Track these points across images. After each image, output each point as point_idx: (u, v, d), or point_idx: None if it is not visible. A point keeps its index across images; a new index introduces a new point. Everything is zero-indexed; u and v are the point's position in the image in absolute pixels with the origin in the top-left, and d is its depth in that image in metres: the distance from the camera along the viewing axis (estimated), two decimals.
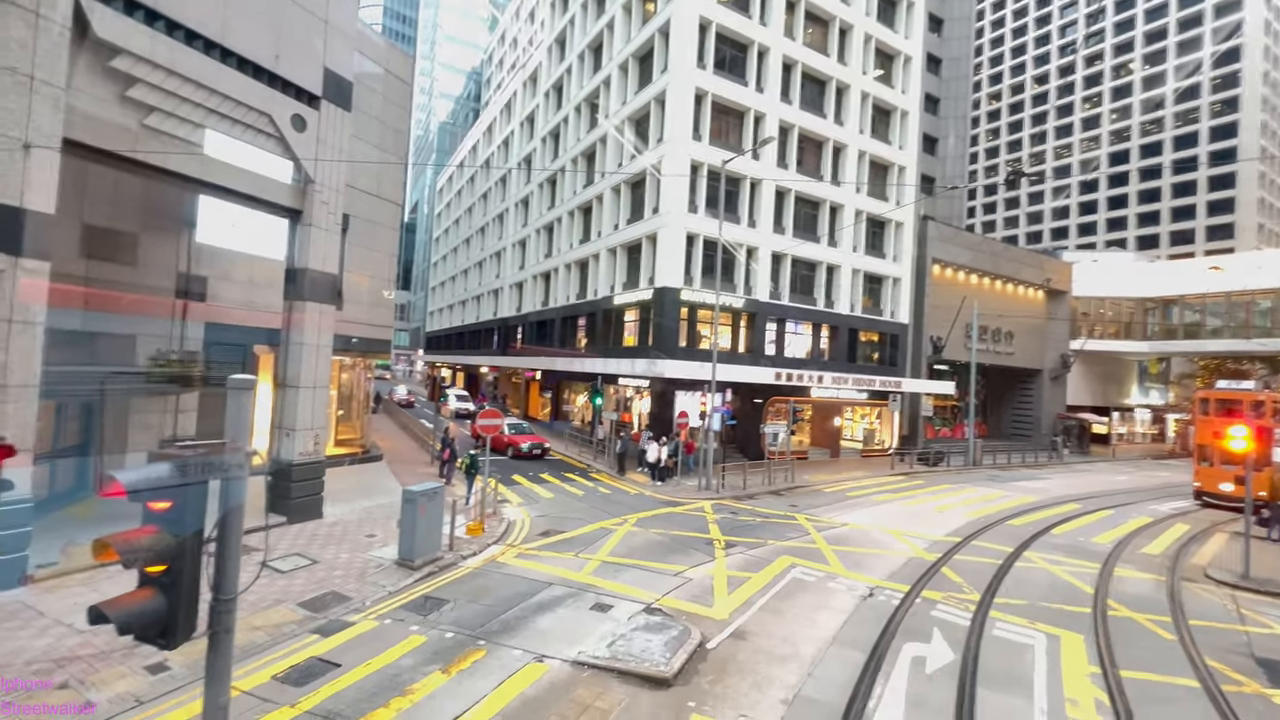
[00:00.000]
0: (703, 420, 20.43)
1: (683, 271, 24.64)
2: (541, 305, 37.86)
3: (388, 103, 22.34)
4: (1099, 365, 44.93)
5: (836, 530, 15.26)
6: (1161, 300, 42.53)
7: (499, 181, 47.86)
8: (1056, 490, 23.62)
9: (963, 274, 36.05)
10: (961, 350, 34.22)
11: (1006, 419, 42.27)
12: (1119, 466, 33.96)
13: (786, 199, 28.01)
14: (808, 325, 29.15)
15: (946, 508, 19.01)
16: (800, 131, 28.34)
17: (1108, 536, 16.10)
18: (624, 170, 28.10)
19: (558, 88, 37.58)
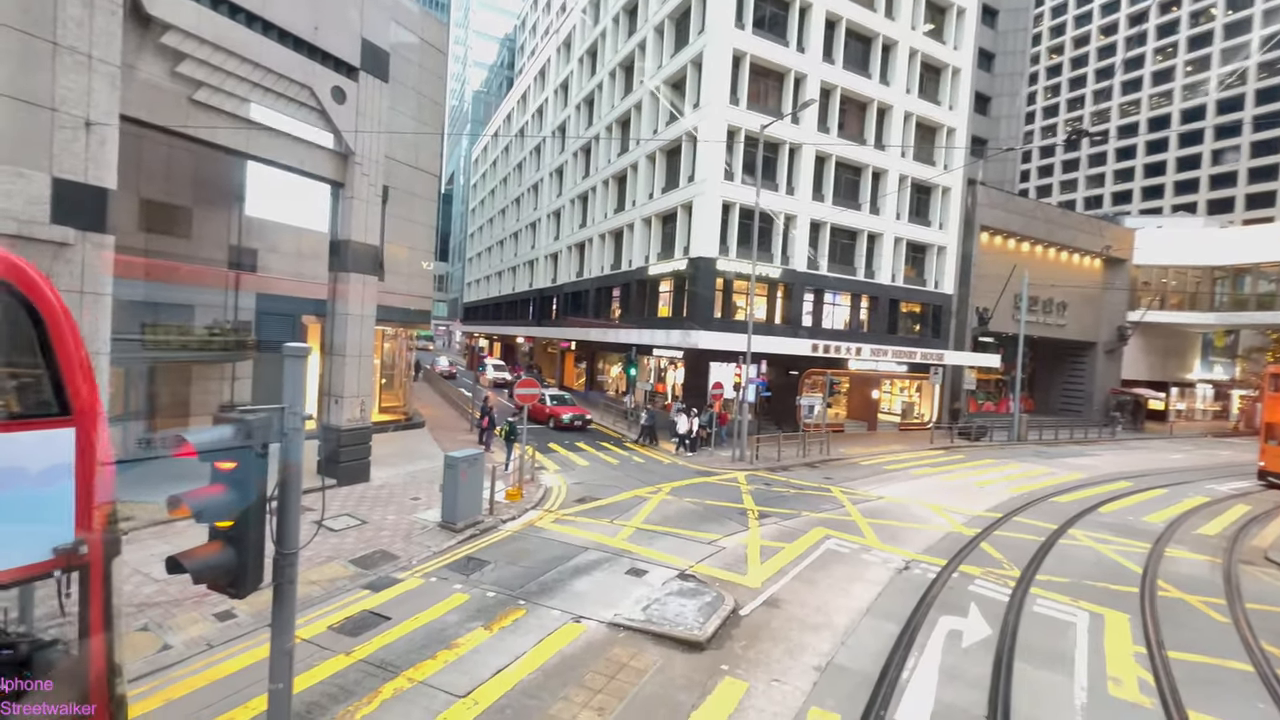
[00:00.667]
0: (737, 392, 20.34)
1: (718, 241, 24.24)
2: (576, 276, 37.96)
3: (424, 72, 22.31)
4: (1158, 338, 42.61)
5: (872, 503, 15.14)
6: (1233, 269, 39.72)
7: (533, 151, 47.64)
8: (1107, 468, 22.78)
9: (1013, 241, 34.40)
10: (1009, 322, 32.91)
11: (1056, 394, 40.72)
12: (1176, 444, 32.45)
13: (827, 165, 27.06)
14: (846, 296, 28.45)
15: (988, 483, 18.59)
16: (843, 93, 27.16)
17: (1160, 516, 15.52)
18: (659, 137, 27.56)
19: (592, 53, 36.84)
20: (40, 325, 2.78)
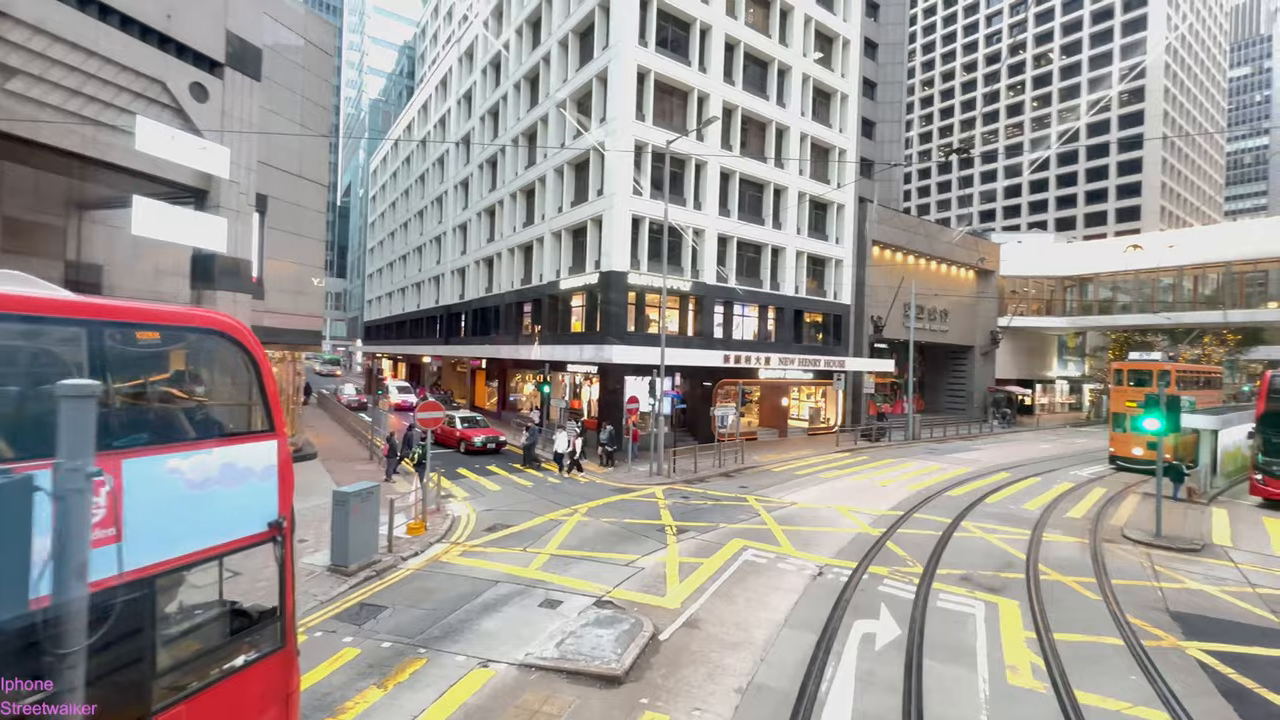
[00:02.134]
0: (653, 405, 20.24)
1: (629, 254, 24.23)
2: (485, 291, 36.66)
3: (309, 75, 20.69)
4: (1023, 340, 47.67)
5: (786, 510, 15.44)
6: (1078, 278, 45.38)
7: (437, 162, 45.83)
8: (989, 460, 24.87)
9: (900, 255, 37.22)
10: (900, 329, 35.43)
11: (942, 394, 44.31)
12: (1043, 435, 36.19)
13: (731, 181, 27.96)
14: (755, 307, 29.39)
15: (889, 482, 19.63)
16: (744, 113, 28.26)
17: (1036, 503, 17.01)
18: (568, 149, 27.28)
19: (495, 64, 36.08)
20: (256, 370, 4.27)
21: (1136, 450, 22.82)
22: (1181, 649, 8.23)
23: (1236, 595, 10.33)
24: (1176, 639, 8.51)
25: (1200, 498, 18.10)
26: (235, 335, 4.36)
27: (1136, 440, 22.63)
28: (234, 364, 4.50)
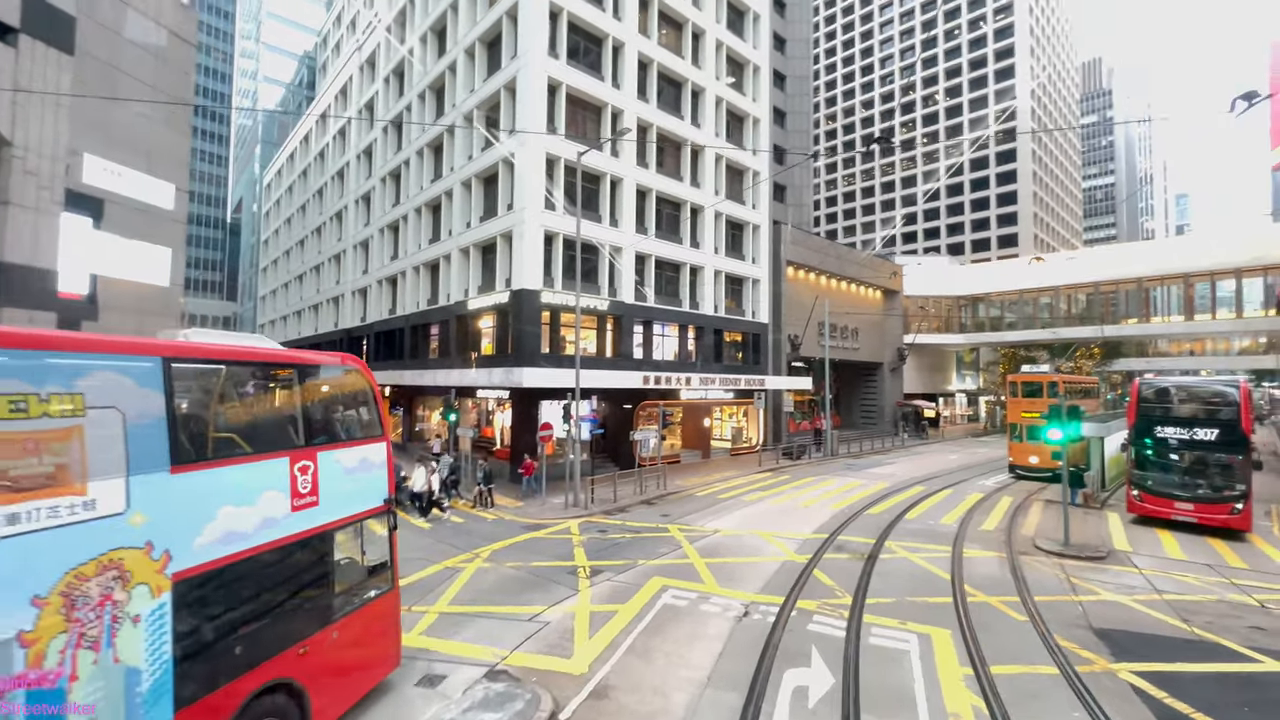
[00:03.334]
0: (568, 431, 18.86)
1: (542, 272, 22.92)
2: (389, 313, 33.96)
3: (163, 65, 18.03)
4: (926, 357, 50.46)
5: (709, 539, 14.48)
6: (971, 298, 48.78)
7: (336, 175, 42.62)
8: (903, 474, 25.32)
9: (813, 275, 38.26)
10: (816, 347, 36.18)
11: (856, 409, 45.77)
12: (948, 447, 37.92)
13: (648, 199, 27.46)
14: (675, 327, 28.83)
15: (812, 502, 19.25)
16: (659, 131, 27.99)
17: (951, 516, 17.09)
18: (475, 162, 25.76)
19: (399, 73, 34.06)
20: (373, 393, 6.92)
21: (1033, 459, 23.94)
22: (1113, 672, 7.85)
23: (1148, 605, 10.34)
24: (1107, 661, 8.16)
25: (1095, 502, 18.98)
26: (360, 369, 7.00)
27: (1033, 449, 23.81)
28: (361, 389, 7.02)
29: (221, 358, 5.55)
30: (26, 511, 3.77)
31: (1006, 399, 28.14)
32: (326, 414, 6.70)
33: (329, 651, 6.08)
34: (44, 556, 3.86)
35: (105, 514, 4.20)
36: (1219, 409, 15.33)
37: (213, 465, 5.12)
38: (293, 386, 6.20)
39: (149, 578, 4.45)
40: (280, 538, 5.57)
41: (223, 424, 5.55)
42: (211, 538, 4.96)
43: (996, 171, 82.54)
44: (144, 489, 4.43)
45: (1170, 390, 16.43)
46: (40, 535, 3.83)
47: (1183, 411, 15.89)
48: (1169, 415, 15.88)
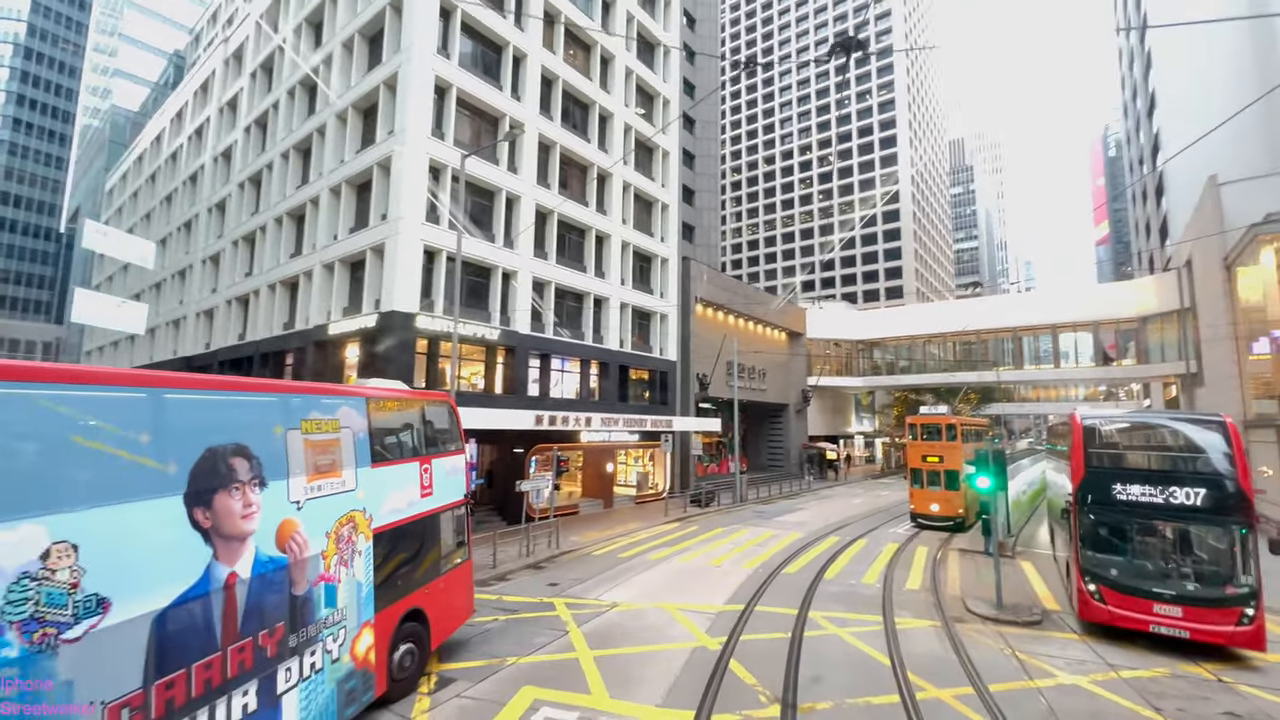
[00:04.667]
0: None
1: (419, 293, 19.70)
2: (238, 339, 28.72)
3: None
4: (828, 399, 51.29)
5: (603, 618, 11.68)
6: (869, 342, 50.49)
7: (189, 180, 36.82)
8: (815, 521, 23.94)
9: (722, 314, 37.47)
10: (724, 387, 35.01)
11: (763, 451, 45.06)
12: (852, 489, 37.72)
13: (549, 221, 25.19)
14: (576, 361, 26.29)
15: (723, 559, 17.03)
16: (563, 151, 26.06)
17: (872, 573, 15.48)
18: (347, 165, 22.33)
19: (268, 67, 30.00)
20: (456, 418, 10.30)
21: (935, 507, 22.37)
22: None
23: (1109, 687, 8.83)
24: None
25: (1008, 551, 18.26)
26: (450, 403, 10.19)
27: (935, 497, 22.46)
28: (451, 416, 10.07)
29: (385, 396, 8.43)
30: (321, 484, 6.57)
31: (906, 442, 27.59)
32: (434, 433, 9.47)
33: (439, 595, 8.92)
34: (328, 510, 6.66)
35: (348, 490, 7.04)
36: (1199, 457, 10.37)
37: (387, 465, 7.96)
38: (415, 415, 9.10)
39: (364, 529, 7.29)
40: (416, 514, 8.48)
41: (388, 438, 8.27)
42: (387, 510, 7.84)
43: (884, 229, 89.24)
44: (361, 476, 7.30)
45: (1126, 430, 11.80)
46: (327, 498, 6.64)
47: (1151, 462, 11.01)
48: (1130, 469, 10.96)
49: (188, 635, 4.86)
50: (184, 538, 4.91)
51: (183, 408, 5.30)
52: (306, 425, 6.51)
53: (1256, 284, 22.79)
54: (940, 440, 23.28)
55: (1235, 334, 24.84)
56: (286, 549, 5.98)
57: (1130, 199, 67.50)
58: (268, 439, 5.98)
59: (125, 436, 4.71)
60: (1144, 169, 54.92)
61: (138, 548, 4.56)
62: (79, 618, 4.07)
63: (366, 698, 7.16)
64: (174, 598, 4.76)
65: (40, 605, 3.87)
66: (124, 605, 4.37)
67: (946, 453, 22.59)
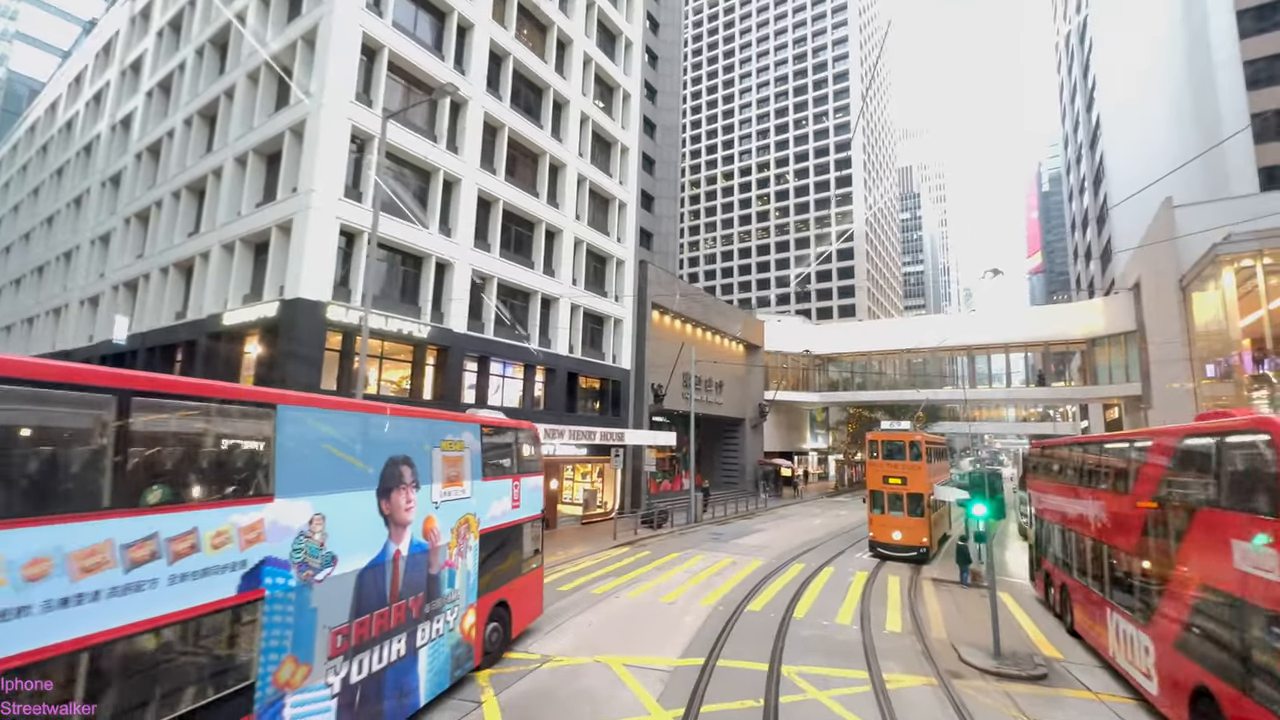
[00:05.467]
0: None
1: (331, 280, 16.90)
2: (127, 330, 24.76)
3: None
4: (784, 414, 50.22)
5: (529, 679, 9.28)
6: (825, 358, 49.74)
7: (82, 151, 32.41)
8: (777, 545, 22.14)
9: (680, 322, 35.69)
10: (680, 400, 33.12)
11: (718, 468, 43.33)
12: (809, 508, 36.36)
13: (494, 210, 22.77)
14: (519, 367, 23.79)
15: (678, 593, 14.85)
16: (512, 135, 23.76)
17: (846, 611, 13.64)
18: (257, 131, 19.33)
19: (176, 25, 26.47)
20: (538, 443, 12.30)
21: (896, 534, 19.93)
22: None
23: None
24: None
25: (983, 580, 16.86)
26: (535, 430, 11.85)
27: (897, 524, 20.08)
28: (535, 442, 11.78)
29: (493, 424, 10.33)
30: (449, 491, 8.41)
31: (865, 460, 25.88)
32: (524, 455, 11.27)
33: (519, 592, 10.70)
34: (453, 512, 8.47)
35: (466, 497, 8.93)
36: None
37: (490, 480, 9.78)
38: (511, 439, 10.97)
39: (474, 530, 9.15)
40: (507, 522, 10.31)
41: (493, 458, 10.08)
42: (489, 515, 9.66)
43: (838, 248, 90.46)
44: (475, 487, 9.20)
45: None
46: (453, 502, 8.49)
47: None
48: None
49: (371, 591, 6.79)
50: (374, 520, 6.93)
51: (378, 427, 7.20)
52: (444, 444, 8.57)
53: (1216, 304, 22.64)
54: (903, 460, 20.77)
55: (1190, 355, 24.76)
56: (427, 538, 7.97)
57: (1069, 227, 70.44)
58: (421, 453, 7.98)
59: (349, 446, 6.69)
60: (1084, 197, 57.10)
61: (351, 523, 6.54)
62: (322, 566, 6.09)
63: (467, 665, 8.97)
64: (367, 562, 6.74)
65: (306, 554, 5.91)
66: (344, 562, 6.38)
67: (910, 474, 20.36)
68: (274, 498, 5.56)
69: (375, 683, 6.77)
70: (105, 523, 4.20)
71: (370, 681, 6.68)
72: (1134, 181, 40.61)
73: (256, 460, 5.68)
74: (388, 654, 7.02)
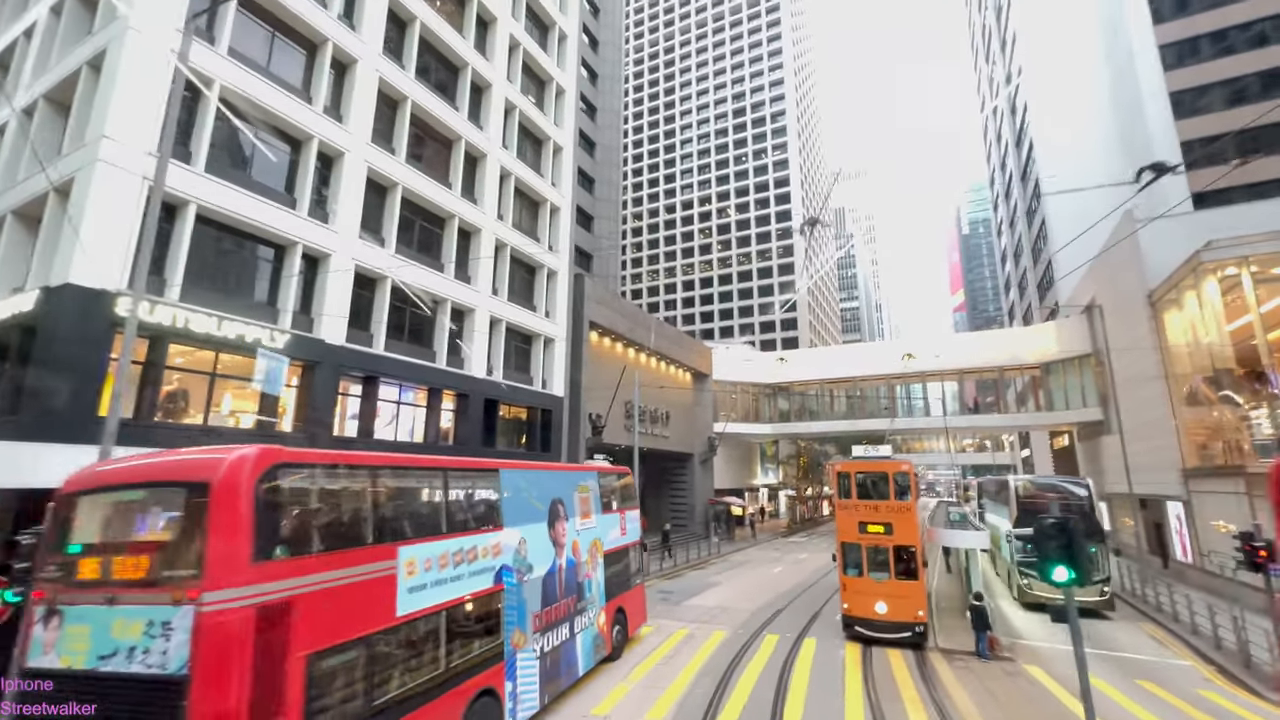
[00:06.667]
0: None
1: (127, 263, 12.01)
2: None
3: None
4: (734, 448, 46.86)
5: None
6: (775, 387, 47.04)
7: None
8: (738, 605, 18.07)
9: (621, 345, 31.90)
10: (622, 432, 29.05)
11: (665, 508, 39.09)
12: (765, 551, 32.64)
13: (390, 197, 18.48)
14: (422, 391, 19.13)
15: (616, 697, 10.50)
16: (418, 112, 19.74)
17: (852, 710, 9.69)
18: (54, 70, 14.40)
19: None
20: (634, 482, 16.40)
21: (881, 607, 14.23)
22: None
23: None
24: None
25: (1003, 649, 13.39)
26: (629, 473, 15.97)
27: (880, 591, 14.33)
28: (631, 481, 15.81)
29: (604, 470, 14.49)
30: (584, 522, 12.14)
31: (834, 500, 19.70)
32: (625, 494, 14.95)
33: (630, 601, 13.85)
34: (587, 537, 12.11)
35: (594, 526, 12.49)
36: None
37: (608, 513, 13.40)
38: (616, 480, 14.70)
39: (600, 551, 12.53)
40: (619, 545, 13.68)
41: (606, 496, 13.58)
42: (609, 540, 13.08)
43: (779, 281, 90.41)
44: (599, 519, 12.82)
45: None
46: (587, 530, 12.15)
47: None
48: None
49: (550, 590, 10.23)
50: (547, 543, 10.47)
51: (539, 480, 10.95)
52: (579, 488, 12.41)
53: (1197, 318, 21.05)
54: (886, 499, 15.12)
55: (1166, 374, 23.12)
56: (575, 555, 11.48)
57: (999, 260, 72.57)
58: (568, 495, 11.76)
59: (532, 493, 10.38)
60: (1016, 229, 58.43)
61: (537, 545, 10.02)
62: (527, 572, 9.49)
63: (602, 653, 12.18)
64: (546, 570, 10.22)
65: (519, 564, 9.24)
66: (536, 570, 9.85)
67: (897, 518, 14.77)
68: (502, 528, 9.18)
69: (555, 653, 10.14)
70: (443, 541, 7.71)
71: (553, 652, 10.08)
72: (1071, 209, 40.98)
73: (493, 504, 9.21)
74: (560, 635, 10.47)
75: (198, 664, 4.68)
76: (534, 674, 9.23)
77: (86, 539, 5.64)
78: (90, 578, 5.29)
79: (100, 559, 5.38)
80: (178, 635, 4.72)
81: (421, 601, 6.95)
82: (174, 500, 5.42)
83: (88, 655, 4.98)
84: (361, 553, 6.35)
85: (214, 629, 4.73)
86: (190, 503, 5.24)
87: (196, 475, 5.27)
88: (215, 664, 4.70)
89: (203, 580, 4.85)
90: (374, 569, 6.38)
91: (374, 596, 6.33)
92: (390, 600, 6.51)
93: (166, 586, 4.94)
